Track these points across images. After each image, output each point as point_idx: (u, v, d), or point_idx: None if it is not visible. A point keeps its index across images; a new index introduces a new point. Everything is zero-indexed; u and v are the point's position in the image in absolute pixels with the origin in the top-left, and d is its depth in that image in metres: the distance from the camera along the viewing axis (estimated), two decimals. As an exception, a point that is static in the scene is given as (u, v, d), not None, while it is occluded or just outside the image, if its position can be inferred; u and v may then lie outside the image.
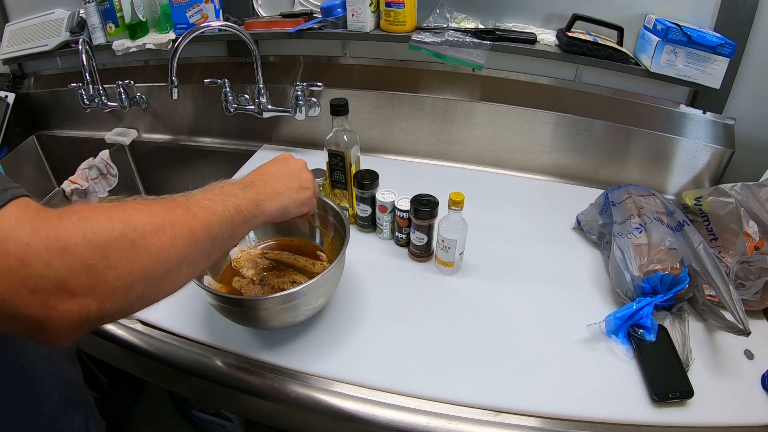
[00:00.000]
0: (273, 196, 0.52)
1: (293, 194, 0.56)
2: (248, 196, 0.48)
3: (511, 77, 1.01)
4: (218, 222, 0.42)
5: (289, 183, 0.56)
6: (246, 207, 0.47)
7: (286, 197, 0.55)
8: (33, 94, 1.35)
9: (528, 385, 0.60)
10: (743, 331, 0.58)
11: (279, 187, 0.54)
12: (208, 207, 0.42)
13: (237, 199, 0.46)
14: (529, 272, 0.78)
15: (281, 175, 0.56)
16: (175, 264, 0.37)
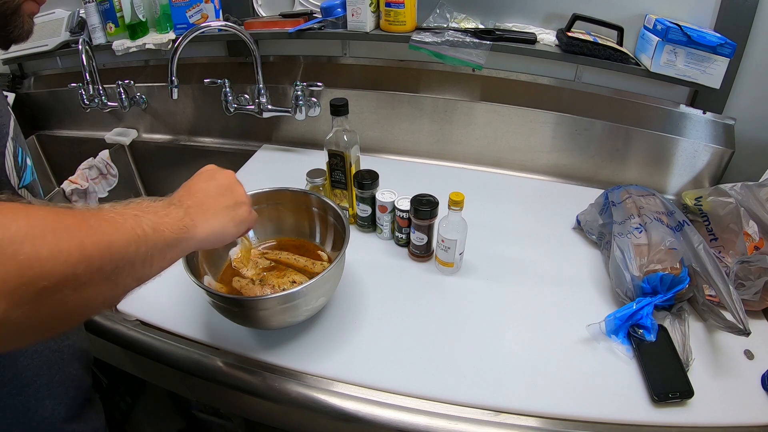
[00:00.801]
0: (206, 216, 0.45)
1: (230, 214, 0.49)
2: (173, 216, 0.41)
3: (511, 77, 1.01)
4: (124, 241, 0.34)
5: (222, 200, 0.49)
6: (169, 228, 0.40)
7: (223, 217, 0.47)
8: (33, 94, 1.35)
9: (528, 385, 0.60)
10: (743, 331, 0.58)
11: (212, 206, 0.47)
12: (113, 221, 0.35)
13: (156, 217, 0.39)
14: (529, 272, 0.78)
15: (212, 192, 0.49)
16: (56, 283, 0.29)
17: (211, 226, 0.46)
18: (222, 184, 0.51)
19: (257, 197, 0.72)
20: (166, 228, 0.39)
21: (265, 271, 0.71)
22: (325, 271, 0.59)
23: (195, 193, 0.47)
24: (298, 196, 0.75)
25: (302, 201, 0.75)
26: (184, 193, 0.47)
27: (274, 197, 0.75)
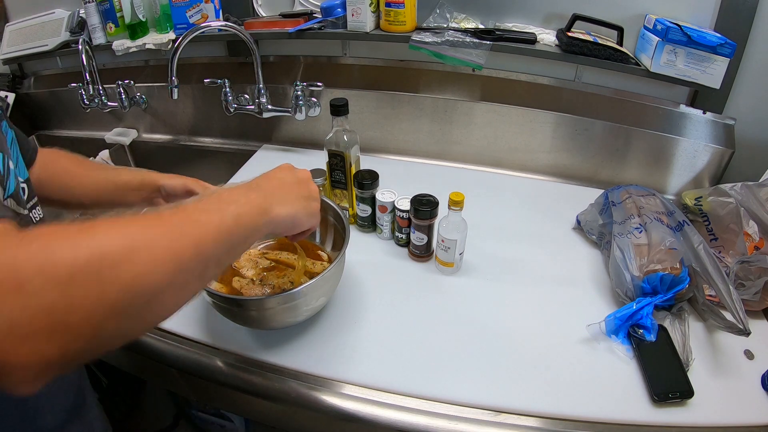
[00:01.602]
0: (282, 201, 0.47)
1: (303, 203, 0.50)
2: (252, 201, 0.43)
3: (511, 77, 1.01)
4: (212, 238, 0.36)
5: (298, 190, 0.50)
6: (249, 214, 0.41)
7: (298, 205, 0.49)
8: (33, 94, 1.35)
9: (528, 385, 0.60)
10: (743, 331, 0.58)
11: (288, 194, 0.49)
12: (199, 221, 0.36)
13: (237, 206, 0.40)
14: (529, 272, 0.78)
15: (290, 181, 0.51)
16: (156, 293, 0.31)
17: (287, 210, 0.47)
18: (299, 177, 0.53)
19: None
20: (246, 214, 0.41)
21: (265, 271, 0.71)
22: (325, 270, 0.59)
23: (272, 179, 0.50)
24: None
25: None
26: (262, 179, 0.49)
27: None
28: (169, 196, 0.68)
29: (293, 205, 0.48)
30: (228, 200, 0.40)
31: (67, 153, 0.68)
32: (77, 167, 0.67)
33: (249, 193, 0.44)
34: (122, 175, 0.68)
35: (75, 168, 0.67)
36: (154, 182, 0.67)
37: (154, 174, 0.68)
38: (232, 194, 0.42)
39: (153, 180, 0.67)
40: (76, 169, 0.67)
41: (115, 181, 0.67)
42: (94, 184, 0.66)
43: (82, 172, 0.67)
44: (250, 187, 0.46)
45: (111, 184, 0.67)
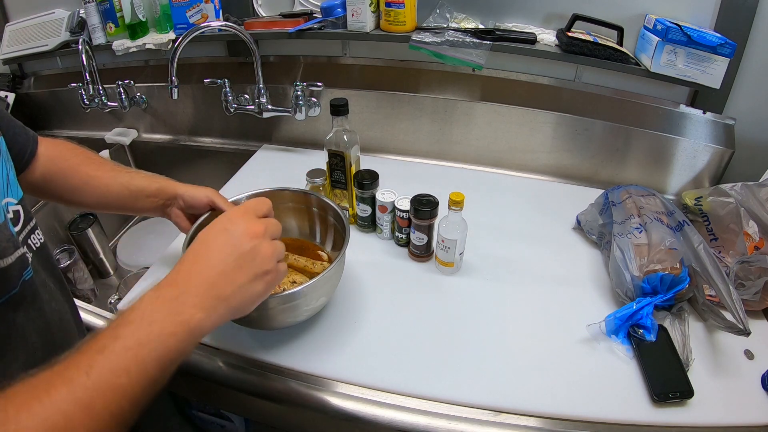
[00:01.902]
0: (214, 304, 0.40)
1: (246, 291, 0.42)
2: (174, 321, 0.37)
3: (511, 77, 1.01)
4: (131, 400, 0.33)
5: (239, 276, 0.41)
6: (175, 346, 0.36)
7: (237, 299, 0.41)
8: (33, 94, 1.35)
9: (528, 385, 0.60)
10: (743, 331, 0.58)
11: (224, 288, 0.40)
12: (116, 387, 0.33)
13: (156, 337, 0.35)
14: (530, 272, 0.78)
15: (228, 262, 0.41)
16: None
17: (219, 315, 0.40)
18: (241, 245, 0.42)
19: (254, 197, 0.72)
20: (172, 351, 0.36)
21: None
22: (325, 270, 0.59)
23: (200, 267, 0.41)
24: (298, 196, 0.75)
25: (302, 201, 0.75)
26: (186, 274, 0.41)
27: (273, 197, 0.74)
28: (189, 207, 0.66)
29: (231, 303, 0.41)
30: (144, 331, 0.35)
31: (75, 147, 0.64)
32: (87, 166, 0.63)
33: (169, 306, 0.38)
34: (136, 180, 0.64)
35: (85, 167, 0.62)
36: (172, 191, 0.65)
37: (173, 182, 0.66)
38: (148, 313, 0.37)
39: (172, 188, 0.65)
40: (86, 169, 0.62)
41: (128, 185, 0.63)
42: (104, 186, 0.62)
43: (93, 173, 0.62)
44: (169, 296, 0.38)
45: (124, 189, 0.63)
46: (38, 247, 0.48)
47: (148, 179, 0.65)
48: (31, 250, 0.47)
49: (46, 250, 0.50)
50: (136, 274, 1.01)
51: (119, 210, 0.65)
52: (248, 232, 0.44)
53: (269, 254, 0.44)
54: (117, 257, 1.15)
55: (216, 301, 0.40)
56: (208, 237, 0.44)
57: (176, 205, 0.66)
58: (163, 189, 0.65)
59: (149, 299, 0.38)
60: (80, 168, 0.62)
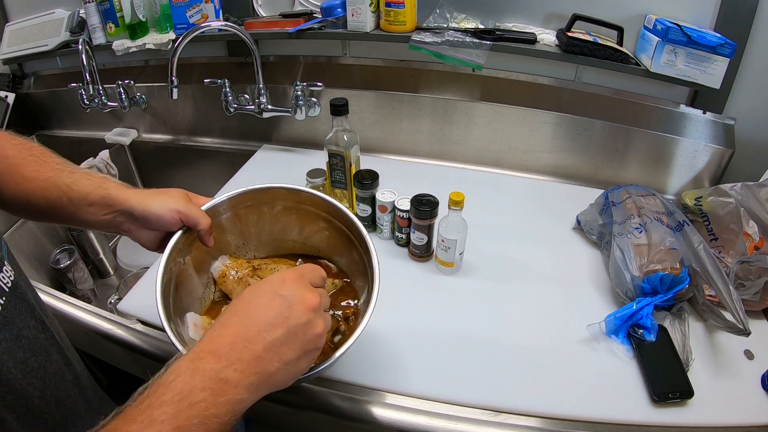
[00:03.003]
0: (258, 382, 0.34)
1: (290, 368, 0.37)
2: (217, 402, 0.32)
3: (511, 77, 1.01)
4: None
5: (288, 351, 0.36)
6: (215, 426, 0.31)
7: (279, 377, 0.36)
8: (33, 94, 1.35)
9: (528, 385, 0.60)
10: (743, 331, 0.58)
11: (270, 364, 0.35)
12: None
13: (197, 421, 0.31)
14: (529, 272, 0.78)
15: (278, 334, 0.36)
16: None
17: (261, 394, 0.35)
18: (293, 319, 0.37)
19: (240, 198, 0.59)
20: (214, 428, 0.31)
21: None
22: (344, 346, 0.46)
23: (248, 339, 0.35)
24: (296, 196, 0.60)
25: (296, 200, 0.61)
26: (232, 339, 0.35)
27: (263, 197, 0.60)
28: (147, 225, 0.51)
29: (275, 381, 0.36)
30: (187, 422, 0.30)
31: (11, 136, 0.49)
32: (25, 167, 0.47)
33: (217, 386, 0.32)
34: (80, 183, 0.49)
35: (22, 168, 0.47)
36: (122, 203, 0.49)
37: (125, 189, 0.50)
38: (193, 407, 0.31)
39: (122, 199, 0.49)
40: (23, 171, 0.47)
41: (68, 192, 0.48)
42: (40, 192, 0.47)
43: (30, 175, 0.47)
44: (218, 365, 0.33)
45: (63, 196, 0.48)
46: (9, 287, 0.40)
47: (94, 184, 0.49)
48: (5, 288, 0.39)
49: (20, 289, 0.42)
50: (136, 274, 1.01)
51: (59, 221, 0.50)
52: (305, 303, 0.38)
53: (322, 331, 0.39)
54: (117, 257, 1.15)
55: (259, 378, 0.35)
56: (257, 299, 0.38)
57: (130, 221, 0.51)
58: (110, 198, 0.49)
59: (187, 372, 0.32)
60: (16, 169, 0.48)
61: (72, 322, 0.70)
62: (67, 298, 0.72)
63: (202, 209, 0.54)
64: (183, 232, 0.53)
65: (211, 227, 0.54)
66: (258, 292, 0.38)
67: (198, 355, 0.34)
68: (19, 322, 0.40)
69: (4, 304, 0.38)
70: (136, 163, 1.34)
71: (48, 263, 1.02)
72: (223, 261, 0.60)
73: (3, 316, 0.38)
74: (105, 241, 1.12)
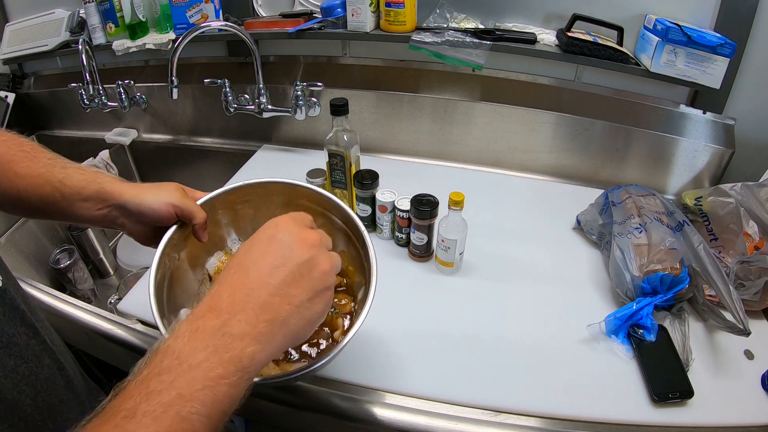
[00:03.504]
0: (270, 330, 0.32)
1: (306, 311, 0.35)
2: (221, 360, 0.29)
3: (511, 77, 1.01)
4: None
5: (297, 292, 0.34)
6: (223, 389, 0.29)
7: (296, 323, 0.34)
8: (33, 94, 1.35)
9: (528, 385, 0.60)
10: (743, 331, 0.58)
11: (280, 309, 0.33)
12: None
13: (202, 386, 0.28)
14: (529, 272, 0.78)
15: (281, 276, 0.34)
16: None
17: (280, 344, 0.33)
18: (294, 257, 0.35)
19: (236, 193, 0.57)
20: (222, 395, 0.29)
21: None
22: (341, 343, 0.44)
23: (249, 288, 0.33)
24: (292, 191, 0.58)
25: (293, 195, 0.59)
26: (231, 291, 0.33)
27: (260, 192, 0.58)
28: (142, 219, 0.50)
29: (288, 329, 0.33)
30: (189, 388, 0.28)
31: (3, 132, 0.48)
32: (17, 164, 0.46)
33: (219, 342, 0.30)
34: (73, 178, 0.48)
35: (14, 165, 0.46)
36: (116, 196, 0.48)
37: (119, 183, 0.50)
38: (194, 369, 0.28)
39: (117, 192, 0.48)
40: (15, 168, 0.46)
41: (61, 187, 0.47)
42: (32, 187, 0.46)
43: (22, 172, 0.46)
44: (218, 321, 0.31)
45: (56, 192, 0.47)
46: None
47: (88, 178, 0.48)
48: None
49: (8, 296, 0.40)
50: (136, 274, 1.01)
51: (53, 217, 0.49)
52: (303, 240, 0.36)
53: (328, 267, 0.37)
54: (117, 257, 1.15)
55: (271, 326, 0.32)
56: (253, 248, 0.36)
57: (124, 215, 0.50)
58: (104, 192, 0.48)
59: (185, 334, 0.30)
60: (8, 166, 0.46)
61: (72, 322, 0.70)
62: (67, 298, 0.72)
63: (197, 203, 0.53)
64: (178, 227, 0.52)
65: (206, 222, 0.53)
66: (252, 242, 0.36)
67: (196, 315, 0.32)
68: (8, 329, 0.39)
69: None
70: (136, 163, 1.34)
71: (48, 263, 1.02)
72: (218, 257, 0.59)
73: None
74: (105, 241, 1.12)
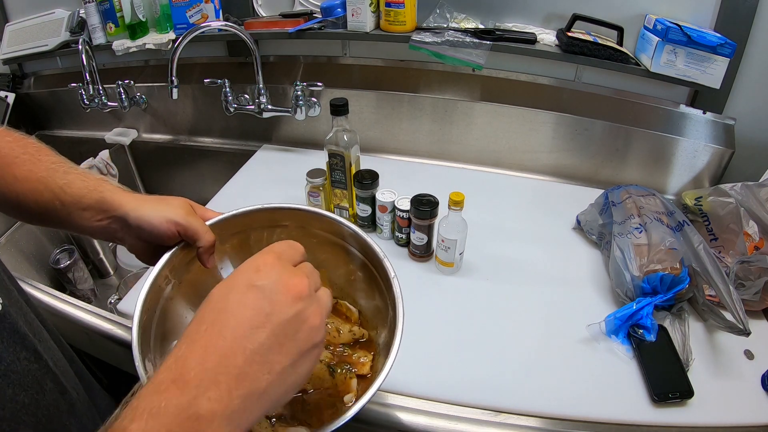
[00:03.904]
0: (245, 406, 0.27)
1: (288, 378, 0.29)
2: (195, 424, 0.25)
3: (511, 77, 1.01)
4: None
5: (279, 358, 0.29)
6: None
7: (275, 392, 0.29)
8: (33, 94, 1.34)
9: (528, 385, 0.60)
10: (743, 331, 0.58)
11: (258, 379, 0.28)
12: None
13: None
14: (529, 272, 0.78)
15: (261, 338, 0.28)
16: None
17: (257, 417, 0.28)
18: (278, 314, 0.29)
19: (254, 217, 0.51)
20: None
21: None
22: (362, 399, 0.38)
23: (222, 353, 0.27)
24: (318, 221, 0.51)
25: (318, 227, 0.52)
26: (201, 357, 0.27)
27: (280, 218, 0.52)
28: (142, 234, 0.45)
29: (276, 389, 0.29)
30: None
31: (7, 132, 0.46)
32: (17, 167, 0.44)
33: (187, 424, 0.25)
34: (73, 186, 0.44)
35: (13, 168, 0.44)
36: (117, 208, 0.45)
37: (121, 193, 0.46)
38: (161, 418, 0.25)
39: (117, 203, 0.45)
40: (14, 171, 0.43)
41: (61, 195, 0.44)
42: (31, 192, 0.43)
43: (21, 174, 0.43)
44: (186, 395, 0.26)
45: (55, 200, 0.44)
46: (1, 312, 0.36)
47: (89, 186, 0.45)
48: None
49: (9, 319, 0.37)
50: (136, 274, 1.01)
51: (51, 225, 0.46)
52: (288, 290, 0.30)
53: (318, 321, 0.31)
54: (117, 257, 1.15)
55: (246, 401, 0.27)
56: (228, 298, 0.30)
57: (124, 228, 0.46)
58: (104, 202, 0.44)
59: (143, 414, 0.25)
60: (8, 169, 0.44)
61: (72, 322, 0.70)
62: (67, 298, 0.72)
63: (206, 224, 0.47)
64: (180, 248, 0.46)
65: (213, 245, 0.47)
66: (227, 288, 0.30)
67: (158, 387, 0.26)
68: (7, 356, 0.36)
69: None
70: (136, 163, 1.34)
71: (48, 263, 1.02)
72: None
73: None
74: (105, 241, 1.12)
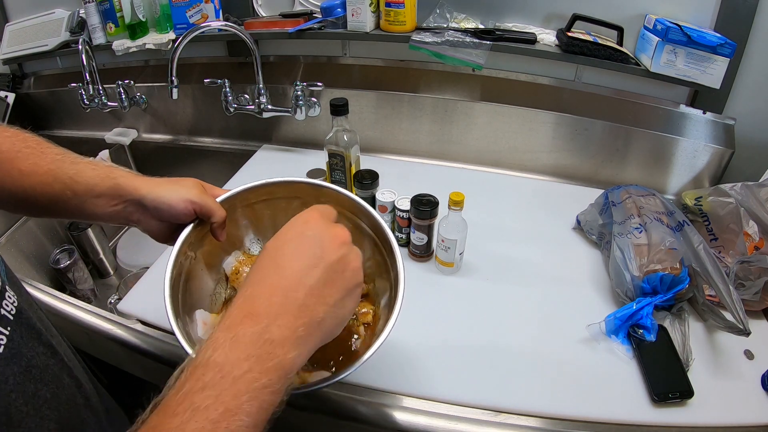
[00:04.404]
0: (308, 333, 0.32)
1: (339, 311, 0.34)
2: (264, 369, 0.29)
3: (511, 77, 1.01)
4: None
5: (331, 292, 0.34)
6: (267, 397, 0.29)
7: (330, 322, 0.34)
8: (33, 94, 1.35)
9: (528, 385, 0.60)
10: (743, 331, 0.58)
11: (316, 310, 0.33)
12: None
13: (247, 398, 0.27)
14: (529, 272, 0.78)
15: (316, 275, 0.33)
16: None
17: (316, 345, 0.33)
18: (327, 256, 0.34)
19: (257, 191, 0.55)
20: (266, 404, 0.28)
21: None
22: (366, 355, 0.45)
23: (286, 289, 0.32)
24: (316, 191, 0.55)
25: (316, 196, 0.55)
26: (268, 293, 0.32)
27: (281, 192, 0.56)
28: (159, 215, 0.48)
29: (324, 328, 0.33)
30: (235, 401, 0.27)
31: (3, 128, 0.46)
32: (21, 161, 0.44)
33: (261, 350, 0.29)
34: (84, 175, 0.46)
35: (18, 162, 0.44)
36: (132, 191, 0.47)
37: (134, 177, 0.48)
38: (239, 382, 0.28)
39: (132, 187, 0.47)
40: (19, 165, 0.44)
41: (72, 184, 0.45)
42: (40, 185, 0.44)
43: (27, 169, 0.44)
44: (258, 327, 0.30)
45: (66, 190, 0.45)
46: (13, 314, 0.36)
47: (101, 174, 0.47)
48: (9, 316, 0.35)
49: (25, 315, 0.38)
50: (136, 274, 1.01)
51: (62, 215, 0.47)
52: (334, 238, 0.36)
53: (358, 264, 0.37)
54: (117, 257, 1.15)
55: (308, 328, 0.32)
56: (283, 247, 0.35)
57: (140, 211, 0.48)
58: (119, 188, 0.47)
59: (225, 344, 0.29)
60: (12, 164, 0.44)
61: (72, 322, 0.70)
62: (67, 298, 0.72)
63: (216, 201, 0.51)
64: (195, 225, 0.50)
65: (225, 220, 0.51)
66: (281, 241, 0.36)
67: (233, 321, 0.31)
68: (27, 352, 0.37)
69: (9, 335, 0.34)
70: (136, 163, 1.34)
71: (48, 263, 1.02)
72: (236, 256, 0.58)
73: (9, 349, 0.34)
74: (105, 241, 1.12)
